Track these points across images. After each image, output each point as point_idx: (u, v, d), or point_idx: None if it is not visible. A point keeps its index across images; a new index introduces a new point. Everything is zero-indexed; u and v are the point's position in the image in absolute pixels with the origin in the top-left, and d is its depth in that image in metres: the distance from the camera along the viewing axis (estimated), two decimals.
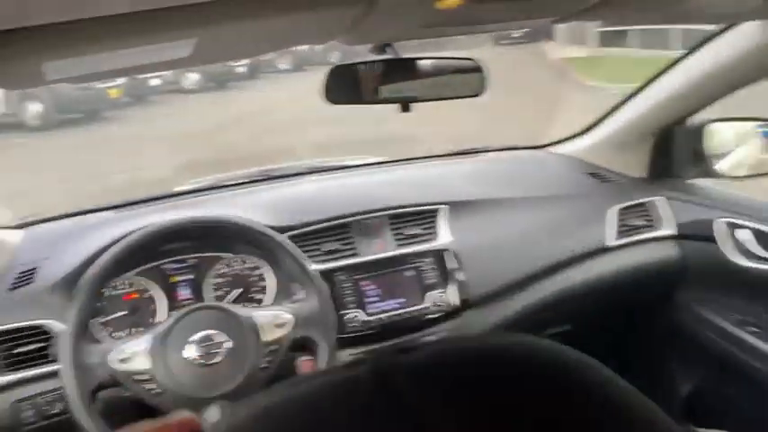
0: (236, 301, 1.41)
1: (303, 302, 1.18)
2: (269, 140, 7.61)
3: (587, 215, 1.67)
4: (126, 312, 1.34)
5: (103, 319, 1.33)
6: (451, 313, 1.45)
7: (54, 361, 1.15)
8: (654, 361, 1.94)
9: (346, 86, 1.04)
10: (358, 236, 1.46)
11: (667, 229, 1.69)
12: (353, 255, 1.43)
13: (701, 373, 1.74)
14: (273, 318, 1.13)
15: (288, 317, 1.14)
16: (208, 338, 1.07)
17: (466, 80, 1.11)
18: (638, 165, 1.79)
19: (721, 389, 1.68)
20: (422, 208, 1.53)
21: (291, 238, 1.42)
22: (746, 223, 1.53)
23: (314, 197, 1.59)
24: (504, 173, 1.83)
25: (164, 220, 1.25)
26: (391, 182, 1.69)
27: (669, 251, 1.69)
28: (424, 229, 1.51)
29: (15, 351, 1.21)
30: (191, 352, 1.05)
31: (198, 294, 1.40)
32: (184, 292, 1.40)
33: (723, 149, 1.73)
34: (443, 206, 1.55)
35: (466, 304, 1.46)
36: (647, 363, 1.99)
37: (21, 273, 1.35)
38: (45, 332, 1.22)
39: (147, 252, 1.11)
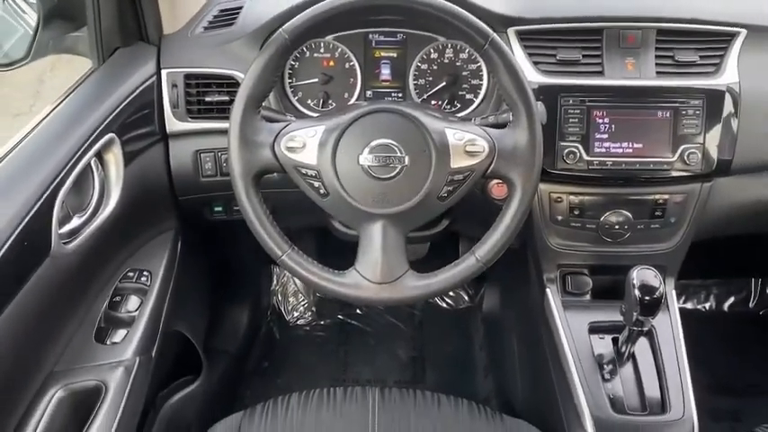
0: (436, 95, 1.20)
1: (508, 131, 0.92)
2: None
3: None
4: (318, 80, 1.20)
5: (295, 83, 1.20)
6: (700, 175, 1.11)
7: None
8: None
9: None
10: (610, 50, 1.10)
11: None
12: (597, 74, 1.10)
13: None
14: (467, 142, 0.90)
15: (483, 145, 0.90)
16: (387, 148, 0.88)
17: None
18: None
19: None
20: (709, 27, 1.10)
21: (520, 34, 1.11)
22: None
23: None
24: None
25: None
26: None
27: None
28: (705, 57, 1.10)
29: (206, 99, 1.15)
30: (366, 159, 0.88)
31: (400, 77, 1.21)
32: (385, 72, 1.21)
33: None
34: (742, 30, 1.10)
35: (723, 167, 1.10)
36: None
37: (221, 11, 1.23)
38: (237, 83, 1.12)
39: (353, 16, 0.90)
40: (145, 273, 1.12)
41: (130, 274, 1.12)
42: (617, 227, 1.15)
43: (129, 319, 1.07)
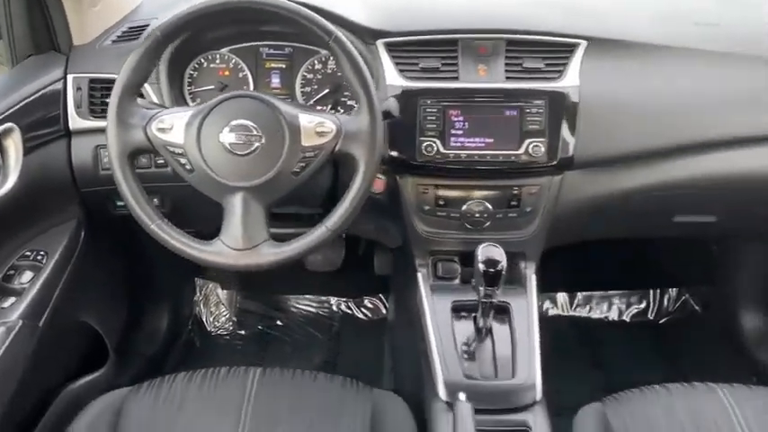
0: (321, 101, 1.34)
1: (353, 116, 1.06)
2: None
3: None
4: (215, 87, 1.34)
5: (194, 90, 1.34)
6: (547, 169, 1.24)
7: None
8: None
9: None
10: (464, 58, 1.25)
11: None
12: (453, 79, 1.24)
13: None
14: (317, 124, 1.03)
15: (331, 126, 1.03)
16: (245, 128, 1.01)
17: None
18: None
19: None
20: (554, 39, 1.26)
21: (388, 45, 1.26)
22: None
23: (422, 1, 1.38)
24: (698, 13, 1.41)
25: None
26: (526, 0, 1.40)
27: None
28: (550, 64, 1.25)
29: (106, 100, 1.28)
30: (226, 137, 1.01)
31: (289, 85, 1.35)
32: (275, 81, 1.35)
33: None
34: (583, 41, 1.26)
35: (567, 162, 1.23)
36: None
37: (130, 28, 1.38)
38: None
39: (212, 18, 1.03)
40: (42, 252, 1.23)
41: (28, 253, 1.22)
42: (477, 215, 1.27)
43: (21, 289, 1.16)
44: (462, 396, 1.04)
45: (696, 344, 1.87)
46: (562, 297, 2.02)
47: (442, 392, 1.12)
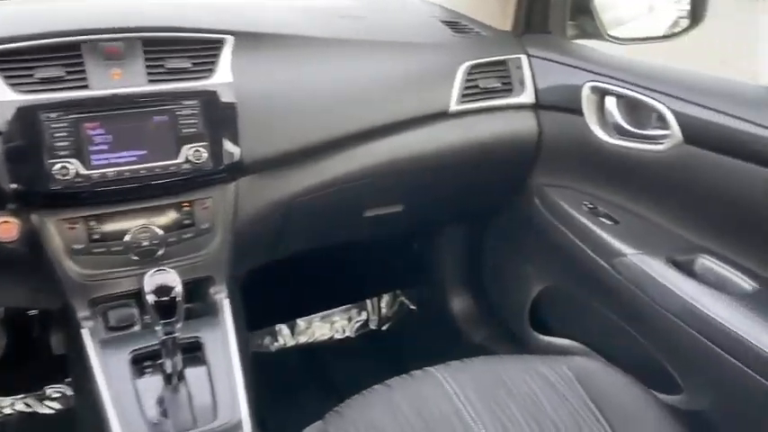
0: None
1: None
2: None
3: (430, 72, 1.31)
4: None
5: None
6: (217, 177, 1.10)
7: None
8: (503, 257, 1.67)
9: None
10: (93, 63, 1.05)
11: (526, 96, 1.35)
12: (82, 87, 1.03)
13: (551, 270, 1.47)
14: None
15: None
16: None
17: None
18: (505, 15, 1.42)
19: (569, 290, 1.42)
20: (196, 35, 1.13)
21: None
22: (619, 90, 1.20)
23: (40, 5, 1.16)
24: (339, 8, 1.42)
25: None
26: None
27: (526, 122, 1.36)
28: (198, 63, 1.12)
29: None
30: None
31: None
32: None
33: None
34: (229, 36, 1.15)
35: (236, 167, 1.11)
36: (496, 259, 1.72)
37: None
38: None
39: None
40: None
41: None
42: (146, 243, 1.07)
43: None
44: None
45: (418, 340, 1.89)
46: (283, 329, 1.89)
47: None
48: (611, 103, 1.23)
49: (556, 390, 1.01)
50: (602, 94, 1.24)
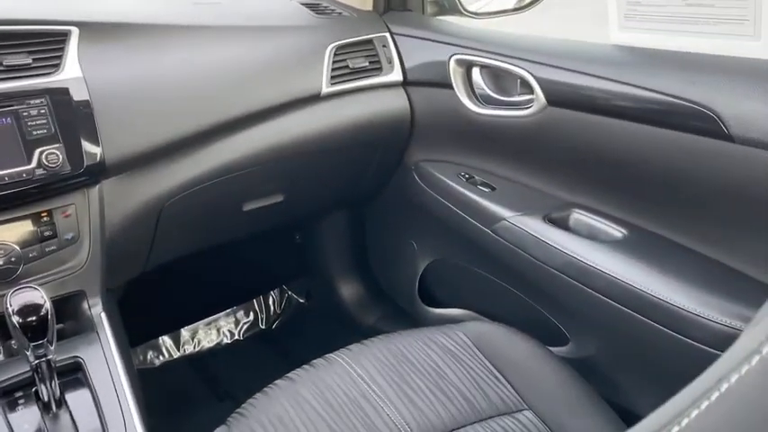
0: None
1: None
2: None
3: (296, 55, 1.28)
4: None
5: None
6: (77, 182, 1.00)
7: None
8: (387, 238, 1.68)
9: None
10: None
11: (395, 74, 1.36)
12: None
13: (435, 244, 1.50)
14: None
15: None
16: None
17: None
18: None
19: (455, 261, 1.45)
20: (33, 28, 1.02)
21: None
22: (484, 60, 1.24)
23: None
24: None
25: None
26: None
27: (397, 100, 1.37)
28: (41, 58, 1.01)
29: None
30: None
31: None
32: None
33: None
34: (73, 28, 1.05)
35: (98, 168, 1.02)
36: (380, 240, 1.73)
37: None
38: None
39: None
40: None
41: None
42: (1, 262, 0.95)
43: None
44: None
45: (312, 333, 1.85)
46: (165, 341, 1.78)
47: None
48: (476, 73, 1.27)
49: (456, 357, 1.03)
50: (467, 66, 1.27)
